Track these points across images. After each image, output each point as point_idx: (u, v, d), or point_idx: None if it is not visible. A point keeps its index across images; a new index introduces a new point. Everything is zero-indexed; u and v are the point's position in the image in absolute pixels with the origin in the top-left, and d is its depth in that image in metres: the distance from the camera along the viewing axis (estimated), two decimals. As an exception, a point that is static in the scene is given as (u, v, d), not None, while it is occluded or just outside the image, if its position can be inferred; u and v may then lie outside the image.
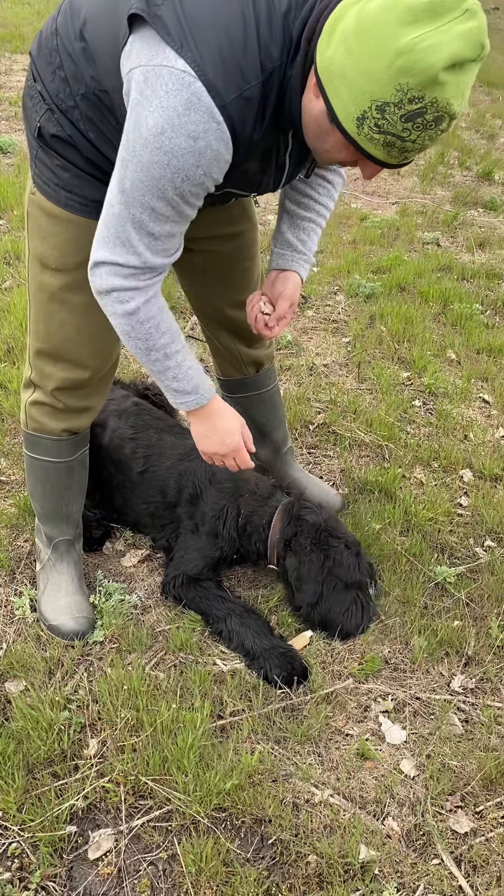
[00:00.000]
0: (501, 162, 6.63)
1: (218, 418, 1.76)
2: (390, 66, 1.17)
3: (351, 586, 2.08)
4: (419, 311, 3.91)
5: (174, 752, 1.72)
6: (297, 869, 1.57)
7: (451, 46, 1.15)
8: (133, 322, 1.53)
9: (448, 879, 1.58)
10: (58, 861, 1.58)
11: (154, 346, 1.58)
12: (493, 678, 2.03)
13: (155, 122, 1.29)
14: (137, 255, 1.45)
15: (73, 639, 2.02)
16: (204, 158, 1.33)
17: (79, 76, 1.49)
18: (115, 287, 1.49)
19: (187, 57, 1.27)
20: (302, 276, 1.90)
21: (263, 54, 1.31)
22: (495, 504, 2.63)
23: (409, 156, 1.32)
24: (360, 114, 1.25)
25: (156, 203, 1.38)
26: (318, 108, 1.33)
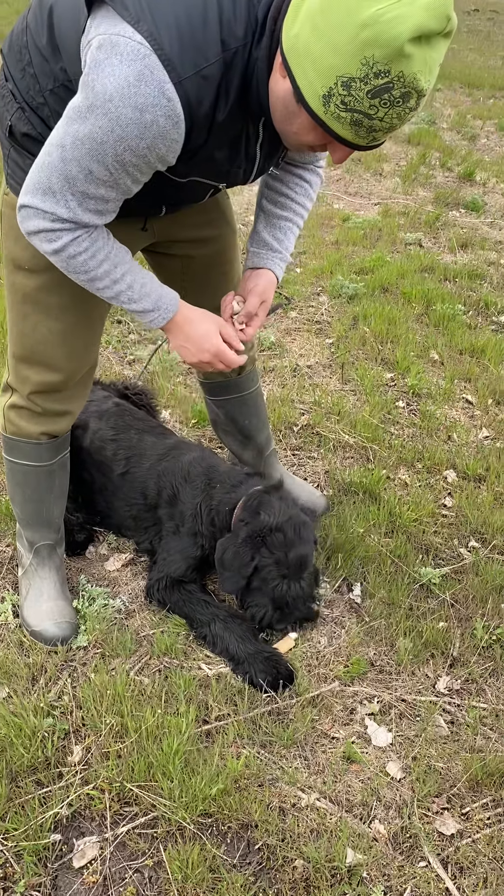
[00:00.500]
0: (483, 163, 6.67)
1: (191, 326, 1.69)
2: (355, 39, 1.17)
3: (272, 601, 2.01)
4: (402, 311, 3.91)
5: (159, 757, 1.71)
6: (284, 874, 1.57)
7: (415, 17, 1.14)
8: (64, 257, 1.49)
9: (435, 881, 1.58)
10: (42, 870, 1.56)
11: (97, 276, 1.53)
12: (478, 679, 2.04)
13: (104, 88, 1.27)
14: (67, 208, 1.42)
15: (56, 644, 2.00)
16: (149, 132, 1.30)
17: (47, 71, 1.48)
18: (43, 228, 1.45)
19: (143, 30, 1.25)
20: (277, 274, 1.88)
21: (225, 32, 1.30)
22: (479, 504, 2.64)
23: (377, 136, 1.31)
24: (327, 91, 1.24)
25: (93, 166, 1.36)
26: (285, 87, 1.32)
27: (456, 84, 9.83)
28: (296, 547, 1.99)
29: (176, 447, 2.30)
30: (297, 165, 1.86)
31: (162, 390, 3.11)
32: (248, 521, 2.01)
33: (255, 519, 2.00)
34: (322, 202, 5.60)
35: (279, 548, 1.97)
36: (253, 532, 1.98)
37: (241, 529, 2.01)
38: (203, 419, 2.91)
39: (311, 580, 2.05)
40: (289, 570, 1.97)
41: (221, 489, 2.14)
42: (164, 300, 1.63)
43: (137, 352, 3.43)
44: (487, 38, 13.90)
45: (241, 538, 1.99)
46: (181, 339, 1.71)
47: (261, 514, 2.00)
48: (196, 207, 1.78)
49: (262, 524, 1.99)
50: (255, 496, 2.06)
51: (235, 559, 1.99)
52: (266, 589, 1.99)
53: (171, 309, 1.64)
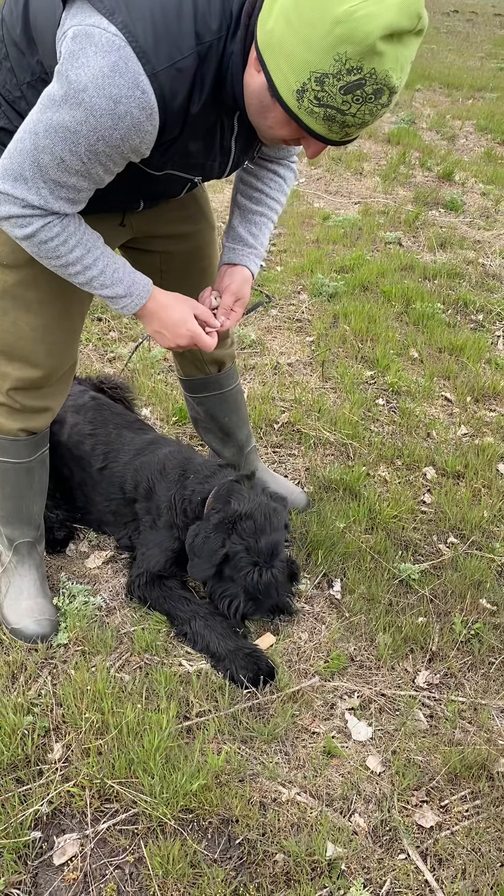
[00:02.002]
0: (462, 163, 6.71)
1: (165, 311, 1.69)
2: (328, 35, 1.18)
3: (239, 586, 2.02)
4: (382, 310, 3.94)
5: (140, 754, 1.71)
6: (265, 868, 1.57)
7: (387, 15, 1.16)
8: (35, 242, 1.49)
9: (414, 874, 1.59)
10: (22, 868, 1.55)
11: (69, 261, 1.53)
12: (457, 673, 2.06)
13: (78, 78, 1.27)
14: (39, 195, 1.42)
15: (36, 642, 2.00)
16: (122, 123, 1.31)
17: (24, 64, 1.47)
18: (14, 214, 1.44)
19: (118, 22, 1.26)
20: (252, 271, 1.89)
21: (200, 25, 1.31)
22: (458, 501, 2.66)
23: (350, 132, 1.32)
24: (300, 86, 1.26)
25: (66, 155, 1.36)
26: (259, 81, 1.33)
27: (435, 84, 9.89)
28: (266, 534, 1.99)
29: (153, 442, 2.31)
30: (272, 161, 1.87)
31: (143, 388, 3.11)
32: (219, 509, 2.02)
33: (226, 507, 2.01)
34: (302, 201, 5.62)
35: (249, 535, 1.98)
36: (223, 519, 1.99)
37: (212, 517, 2.01)
38: (183, 416, 2.92)
39: (282, 567, 2.05)
40: (260, 558, 1.98)
41: (194, 480, 2.14)
42: (137, 286, 1.62)
43: (118, 349, 3.42)
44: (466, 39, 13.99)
45: (211, 525, 2.00)
46: (156, 325, 1.71)
47: (231, 502, 2.01)
48: (174, 203, 1.79)
49: (232, 512, 2.00)
50: (226, 485, 2.07)
51: (206, 545, 2.00)
52: (237, 577, 1.99)
53: (144, 295, 1.64)
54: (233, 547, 1.98)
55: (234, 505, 2.01)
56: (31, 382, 1.83)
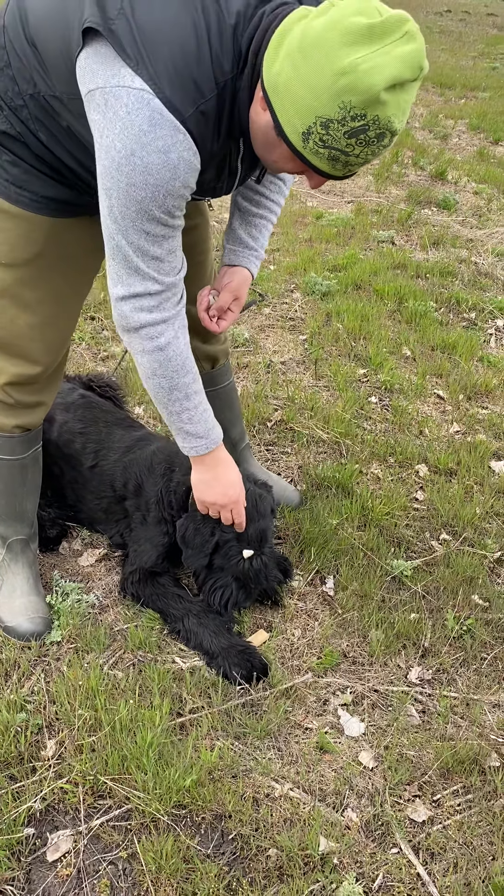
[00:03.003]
0: (454, 162, 6.73)
1: (223, 468, 1.80)
2: (333, 85, 1.21)
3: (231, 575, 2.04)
4: (375, 308, 3.95)
5: (133, 750, 1.71)
6: (258, 863, 1.58)
7: (390, 68, 1.19)
8: (162, 358, 1.56)
9: (406, 867, 1.60)
10: (15, 864, 1.56)
11: (177, 385, 1.61)
12: (449, 669, 2.06)
13: (123, 145, 1.30)
14: (153, 280, 1.47)
15: (29, 640, 2.00)
16: (179, 171, 1.35)
17: (28, 77, 1.48)
18: (144, 323, 1.51)
19: (143, 75, 1.28)
20: (252, 272, 1.92)
21: (216, 67, 1.34)
22: (450, 498, 2.67)
23: (352, 168, 1.36)
24: (306, 129, 1.29)
25: (147, 226, 1.40)
26: (265, 120, 1.36)
27: (428, 84, 9.91)
28: (254, 521, 2.02)
29: (142, 439, 2.31)
30: None
31: (136, 386, 3.11)
32: None
33: None
34: (295, 200, 5.63)
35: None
36: None
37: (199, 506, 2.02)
38: (177, 415, 2.91)
39: (271, 553, 2.08)
40: (250, 545, 2.00)
41: (179, 472, 2.15)
42: (215, 432, 1.72)
43: (111, 348, 3.42)
44: (459, 38, 14.02)
45: (199, 515, 2.01)
46: (209, 476, 1.80)
47: None
48: None
49: None
50: None
51: (196, 536, 2.02)
52: (228, 566, 2.01)
53: (217, 441, 1.74)
54: (222, 535, 2.00)
55: None
56: (27, 378, 1.84)
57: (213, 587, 2.05)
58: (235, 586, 2.04)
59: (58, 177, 1.61)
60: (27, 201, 1.62)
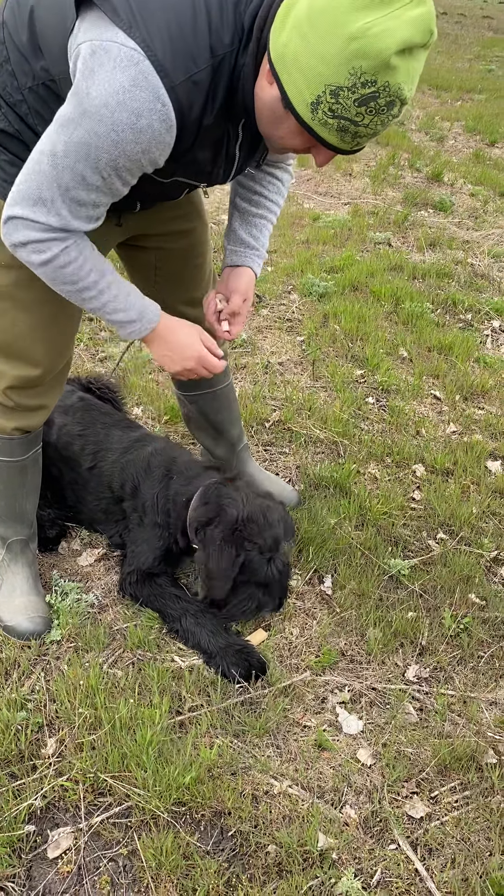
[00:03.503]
0: (450, 164, 6.76)
1: (173, 335, 1.71)
2: (343, 51, 1.20)
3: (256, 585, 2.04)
4: (372, 309, 3.96)
5: (133, 748, 1.72)
6: (257, 859, 1.59)
7: (402, 32, 1.18)
8: (53, 268, 1.49)
9: (405, 863, 1.61)
10: (16, 861, 1.57)
11: (85, 286, 1.54)
12: (446, 667, 2.08)
13: (98, 94, 1.28)
14: (59, 217, 1.42)
15: (29, 639, 2.01)
16: (143, 136, 1.32)
17: (26, 69, 1.48)
18: (32, 239, 1.45)
19: (136, 36, 1.27)
20: (255, 271, 1.92)
21: (214, 39, 1.32)
22: (447, 497, 2.69)
23: (361, 141, 1.34)
24: (315, 98, 1.27)
25: (87, 172, 1.37)
26: (272, 94, 1.35)
27: (424, 86, 9.93)
28: (270, 529, 2.02)
29: (140, 440, 2.32)
30: (269, 164, 1.89)
31: (134, 387, 3.12)
32: (216, 521, 2.00)
33: (223, 515, 2.00)
34: (293, 201, 5.64)
35: (258, 536, 1.99)
36: (228, 531, 1.98)
37: (213, 534, 1.99)
38: (175, 415, 2.93)
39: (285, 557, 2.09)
40: (271, 553, 2.02)
41: (178, 480, 2.15)
42: (148, 310, 1.65)
43: (109, 349, 3.43)
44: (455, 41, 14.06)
45: (217, 542, 1.98)
46: (164, 349, 1.73)
47: (227, 510, 2.00)
48: (170, 202, 1.80)
49: (232, 519, 1.99)
50: (213, 488, 2.06)
51: (222, 563, 1.97)
52: (254, 579, 2.01)
53: (154, 319, 1.66)
54: (248, 554, 1.98)
55: (231, 511, 2.00)
56: (29, 381, 1.84)
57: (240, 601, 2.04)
58: (259, 592, 2.04)
59: None
60: None
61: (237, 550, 1.97)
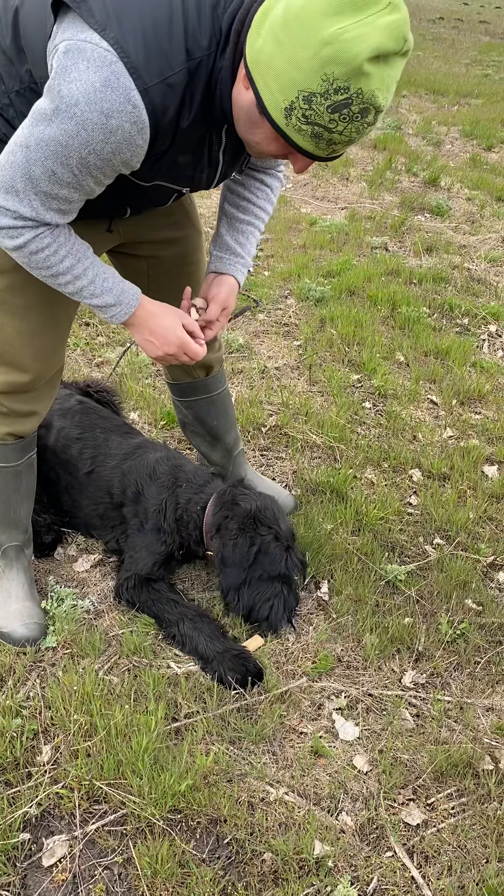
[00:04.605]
0: (447, 168, 6.77)
1: (154, 319, 1.70)
2: (316, 56, 1.20)
3: (276, 578, 2.08)
4: (368, 314, 3.97)
5: (128, 755, 1.72)
6: (253, 867, 1.58)
7: (374, 38, 1.18)
8: (26, 253, 1.49)
9: (401, 871, 1.61)
10: (11, 869, 1.56)
11: (59, 271, 1.54)
12: (443, 673, 2.08)
13: (70, 93, 1.28)
14: (31, 208, 1.43)
15: (24, 645, 2.00)
16: (114, 137, 1.32)
17: (12, 72, 1.48)
18: (5, 225, 1.45)
19: (109, 38, 1.27)
20: (238, 280, 1.91)
21: (191, 42, 1.33)
22: (443, 503, 2.69)
23: (336, 148, 1.35)
24: (288, 104, 1.28)
25: (57, 168, 1.37)
26: (248, 98, 1.35)
27: (421, 90, 9.96)
28: (284, 519, 2.14)
29: (141, 446, 2.32)
30: (259, 170, 1.89)
31: (131, 392, 3.12)
32: (231, 515, 2.09)
33: (236, 509, 2.09)
34: (290, 206, 5.65)
35: (273, 522, 2.09)
36: (243, 520, 2.08)
37: (230, 524, 2.08)
38: (172, 420, 2.93)
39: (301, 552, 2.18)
40: (288, 542, 2.10)
41: (188, 489, 2.17)
42: (126, 294, 1.63)
43: (106, 354, 3.43)
44: (452, 45, 14.10)
45: (233, 531, 2.07)
46: (145, 334, 1.72)
47: (240, 504, 2.10)
48: (161, 209, 1.80)
49: (246, 510, 2.09)
50: (228, 492, 2.15)
51: (237, 550, 2.06)
52: (273, 571, 2.07)
53: (133, 304, 1.65)
54: (263, 540, 2.06)
55: (244, 505, 2.10)
56: (19, 386, 1.84)
57: (263, 601, 2.07)
58: (284, 589, 2.08)
59: None
60: None
61: (252, 538, 2.06)
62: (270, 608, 2.08)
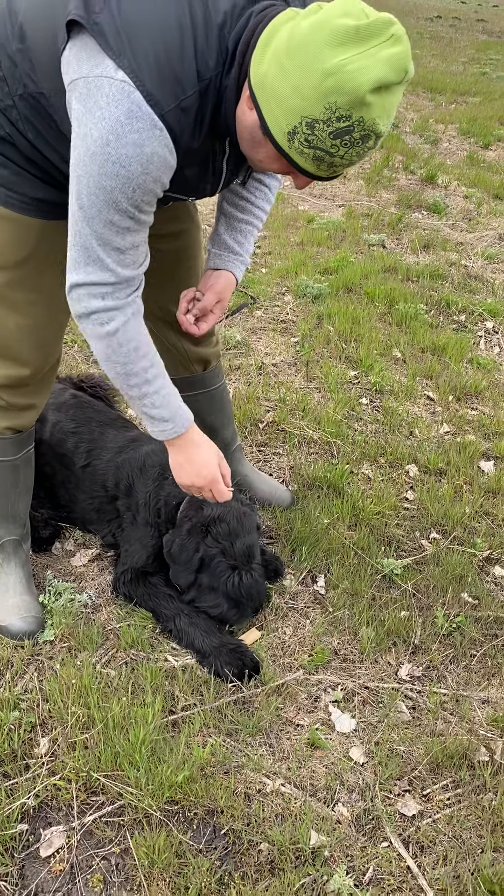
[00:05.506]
0: (444, 166, 6.78)
1: (195, 448, 1.78)
2: (319, 86, 1.23)
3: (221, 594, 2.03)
4: (365, 311, 3.97)
5: (126, 747, 1.73)
6: (250, 857, 1.59)
7: (376, 70, 1.21)
8: (112, 344, 1.55)
9: (396, 861, 1.62)
10: (9, 860, 1.57)
11: (133, 371, 1.59)
12: (439, 666, 2.09)
13: (99, 134, 1.31)
14: (110, 271, 1.47)
15: (22, 639, 2.01)
16: (151, 165, 1.35)
17: (17, 77, 1.49)
18: (95, 309, 1.50)
19: (125, 66, 1.29)
20: (237, 276, 1.93)
21: (200, 63, 1.35)
22: (440, 497, 2.70)
23: (337, 170, 1.38)
24: (291, 129, 1.30)
25: (114, 216, 1.40)
26: (252, 119, 1.38)
27: (419, 89, 9.97)
28: (241, 537, 2.03)
29: (135, 439, 2.33)
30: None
31: (128, 388, 3.13)
32: (191, 516, 2.05)
33: (198, 513, 2.05)
34: (287, 204, 5.66)
35: (224, 538, 2.01)
36: (195, 525, 2.03)
37: (184, 524, 2.05)
38: (169, 416, 2.93)
39: (260, 570, 2.07)
40: (237, 561, 2.01)
41: (171, 482, 2.15)
42: (181, 414, 1.70)
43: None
44: (449, 44, 14.11)
45: (184, 531, 2.04)
46: (182, 458, 1.79)
47: (203, 508, 2.05)
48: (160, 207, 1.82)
49: (204, 517, 2.03)
50: None
51: (182, 552, 2.03)
52: (218, 584, 2.02)
53: (184, 425, 1.72)
54: (208, 550, 2.00)
55: (206, 510, 2.04)
56: (18, 380, 1.85)
57: (203, 607, 2.06)
58: (227, 605, 2.04)
59: (47, 178, 1.62)
60: (17, 203, 1.63)
61: (198, 545, 2.01)
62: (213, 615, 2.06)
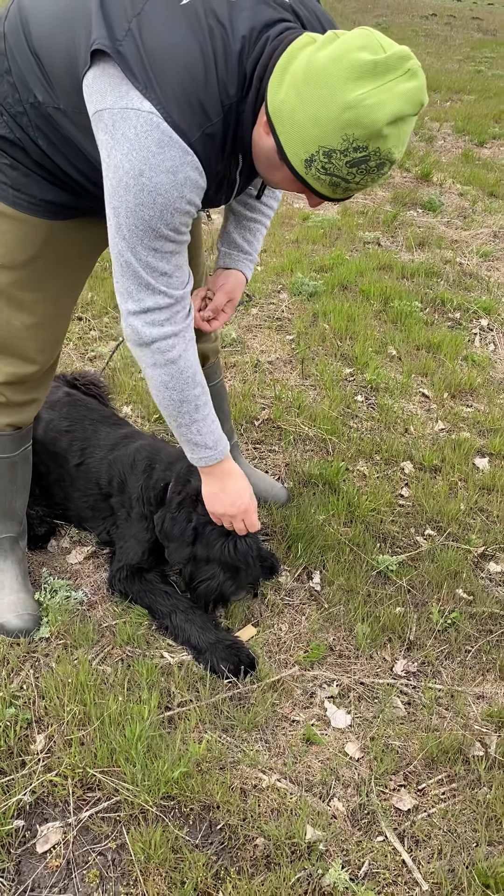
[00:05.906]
0: (439, 164, 6.78)
1: (230, 479, 1.81)
2: (337, 118, 1.25)
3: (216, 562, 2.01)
4: (361, 308, 3.98)
5: (122, 743, 1.73)
6: (245, 852, 1.60)
7: (393, 105, 1.23)
8: (173, 371, 1.59)
9: (392, 855, 1.62)
10: (5, 856, 1.57)
11: (187, 398, 1.63)
12: (433, 661, 2.09)
13: (132, 165, 1.32)
14: (162, 293, 1.50)
15: (18, 636, 2.02)
16: (186, 189, 1.37)
17: (29, 86, 1.50)
18: (155, 337, 1.54)
19: (152, 98, 1.30)
20: (246, 275, 1.95)
21: (222, 91, 1.36)
22: (435, 494, 2.70)
23: (351, 193, 1.40)
24: (309, 156, 1.32)
25: (156, 243, 1.42)
26: (269, 144, 1.40)
27: (414, 87, 9.96)
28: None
29: (127, 436, 2.33)
30: None
31: (123, 386, 3.13)
32: (179, 490, 2.05)
33: (186, 486, 2.04)
34: (283, 201, 5.66)
35: None
36: (185, 497, 2.03)
37: (173, 499, 2.05)
38: (164, 414, 2.94)
39: (254, 537, 2.05)
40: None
41: (159, 468, 2.16)
42: (222, 443, 1.74)
43: (99, 348, 3.43)
44: (445, 42, 14.11)
45: (174, 506, 2.03)
46: (216, 488, 1.82)
47: (191, 481, 2.03)
48: None
49: (192, 488, 2.02)
50: (185, 467, 2.06)
51: (174, 526, 2.03)
52: (212, 553, 2.01)
53: (224, 453, 1.76)
54: (199, 519, 1.99)
55: (193, 482, 2.02)
56: (22, 377, 1.86)
57: (200, 579, 2.05)
58: (222, 573, 2.02)
59: (56, 181, 1.63)
60: (25, 204, 1.63)
61: (189, 514, 2.01)
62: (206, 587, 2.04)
